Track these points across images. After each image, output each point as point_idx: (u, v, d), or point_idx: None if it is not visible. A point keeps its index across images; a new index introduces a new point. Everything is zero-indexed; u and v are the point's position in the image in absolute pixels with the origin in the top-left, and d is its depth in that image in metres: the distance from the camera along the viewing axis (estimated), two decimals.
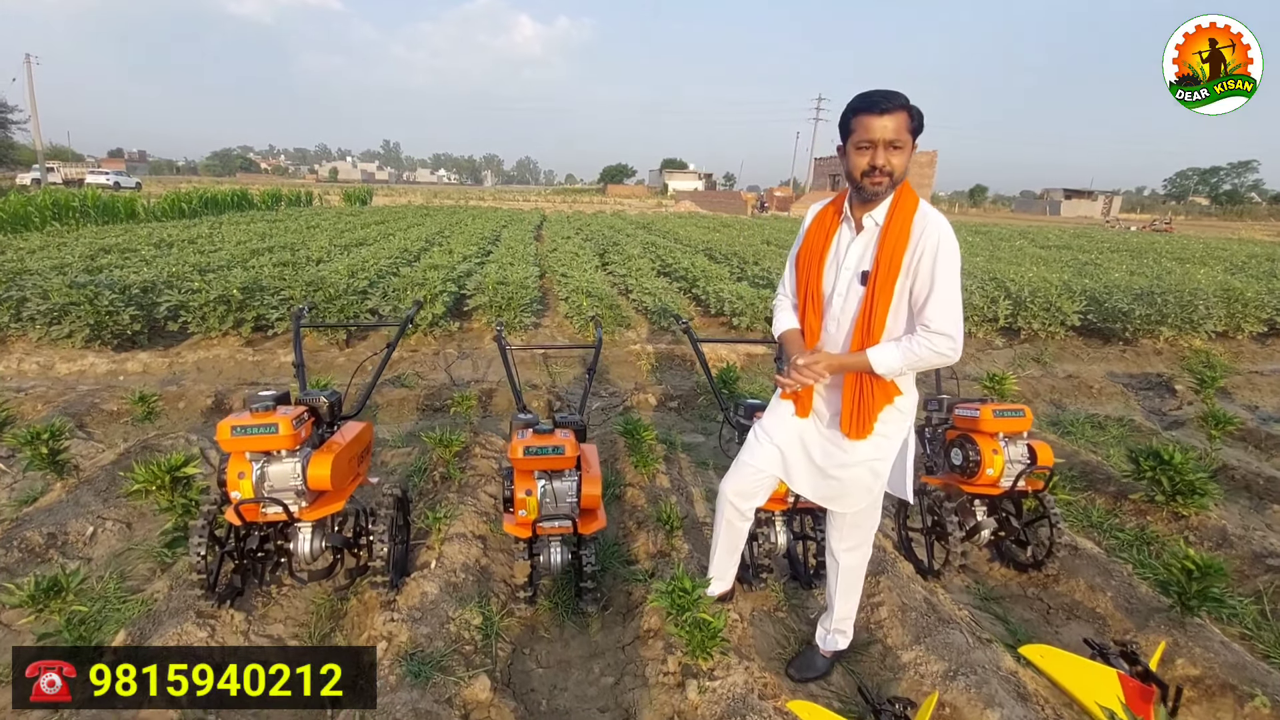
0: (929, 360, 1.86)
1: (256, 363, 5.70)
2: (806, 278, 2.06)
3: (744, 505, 2.27)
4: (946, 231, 1.84)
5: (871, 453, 2.03)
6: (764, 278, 8.73)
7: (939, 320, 1.82)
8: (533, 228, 17.39)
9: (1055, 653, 2.34)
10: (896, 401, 1.99)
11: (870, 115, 1.78)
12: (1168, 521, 3.36)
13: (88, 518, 3.12)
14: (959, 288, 1.85)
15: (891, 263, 1.85)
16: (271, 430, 2.15)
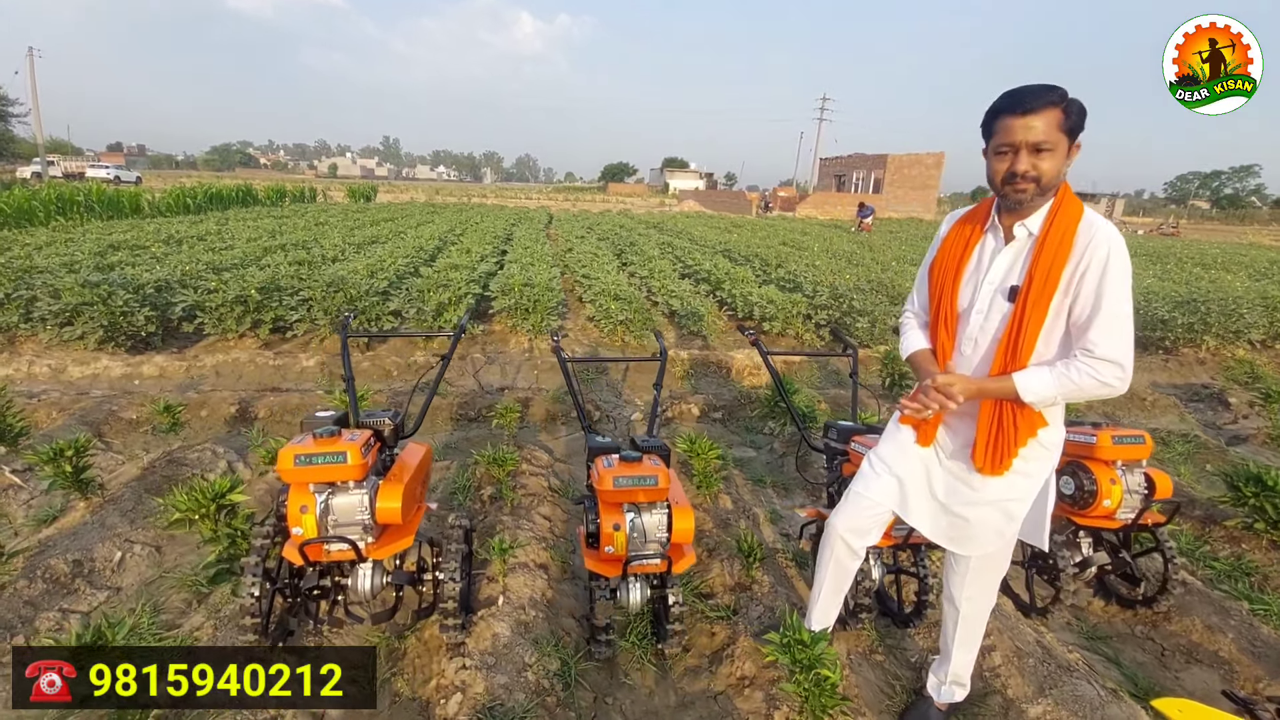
0: (1090, 390, 1.61)
1: (278, 367, 5.46)
2: (940, 292, 1.84)
3: (857, 543, 2.05)
4: (1118, 243, 1.60)
5: (1005, 492, 1.81)
6: (790, 281, 8.51)
7: (1105, 345, 1.58)
8: (542, 226, 17.13)
9: (1196, 707, 2.11)
10: (1040, 435, 1.76)
11: (1012, 116, 1.58)
12: (1266, 550, 3.15)
13: (114, 541, 2.88)
14: (1130, 309, 1.61)
15: (1049, 277, 1.62)
16: (340, 459, 1.92)
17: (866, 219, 22.12)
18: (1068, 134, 1.58)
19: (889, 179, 35.46)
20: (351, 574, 2.18)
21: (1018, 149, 1.59)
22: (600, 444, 2.35)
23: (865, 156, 38.20)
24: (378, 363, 5.69)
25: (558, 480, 3.71)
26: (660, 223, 20.34)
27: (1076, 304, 1.63)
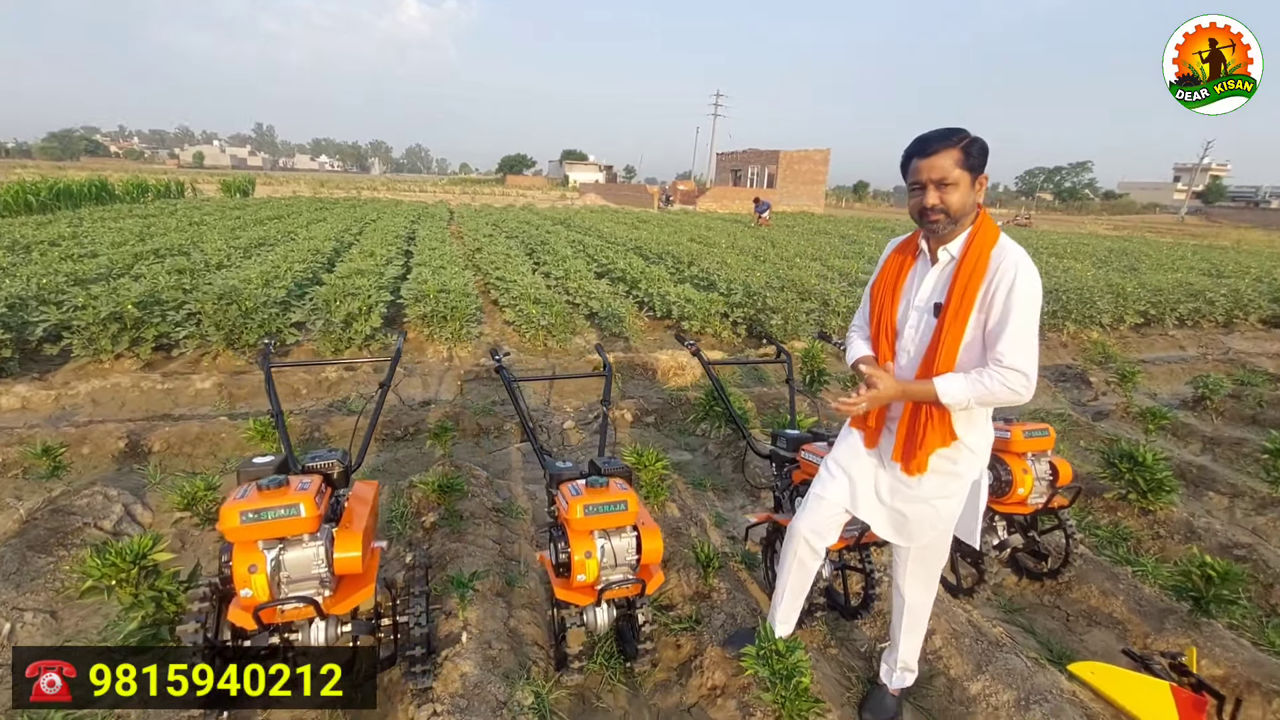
0: (999, 396, 1.79)
1: (167, 391, 4.94)
2: (880, 309, 2.04)
3: (818, 543, 2.17)
4: (1026, 265, 1.79)
5: (939, 490, 1.98)
6: (704, 279, 8.73)
7: (1012, 355, 1.76)
8: (445, 223, 16.49)
9: (1104, 669, 2.42)
10: (966, 439, 1.93)
11: (919, 158, 1.80)
12: (1138, 517, 3.62)
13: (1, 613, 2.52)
14: (1036, 324, 1.80)
15: (965, 294, 1.81)
16: (294, 512, 1.78)
17: (764, 214, 22.98)
18: (969, 170, 1.78)
19: (782, 174, 37.05)
20: (303, 629, 2.03)
21: (925, 186, 1.80)
22: (562, 471, 2.33)
23: (759, 152, 39.66)
24: (283, 379, 5.29)
25: (499, 498, 3.63)
26: (566, 218, 20.13)
27: (990, 319, 1.81)
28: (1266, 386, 6.24)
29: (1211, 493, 4.07)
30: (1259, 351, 8.42)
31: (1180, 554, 3.28)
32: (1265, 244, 25.57)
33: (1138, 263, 14.21)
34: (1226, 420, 5.58)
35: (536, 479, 4.03)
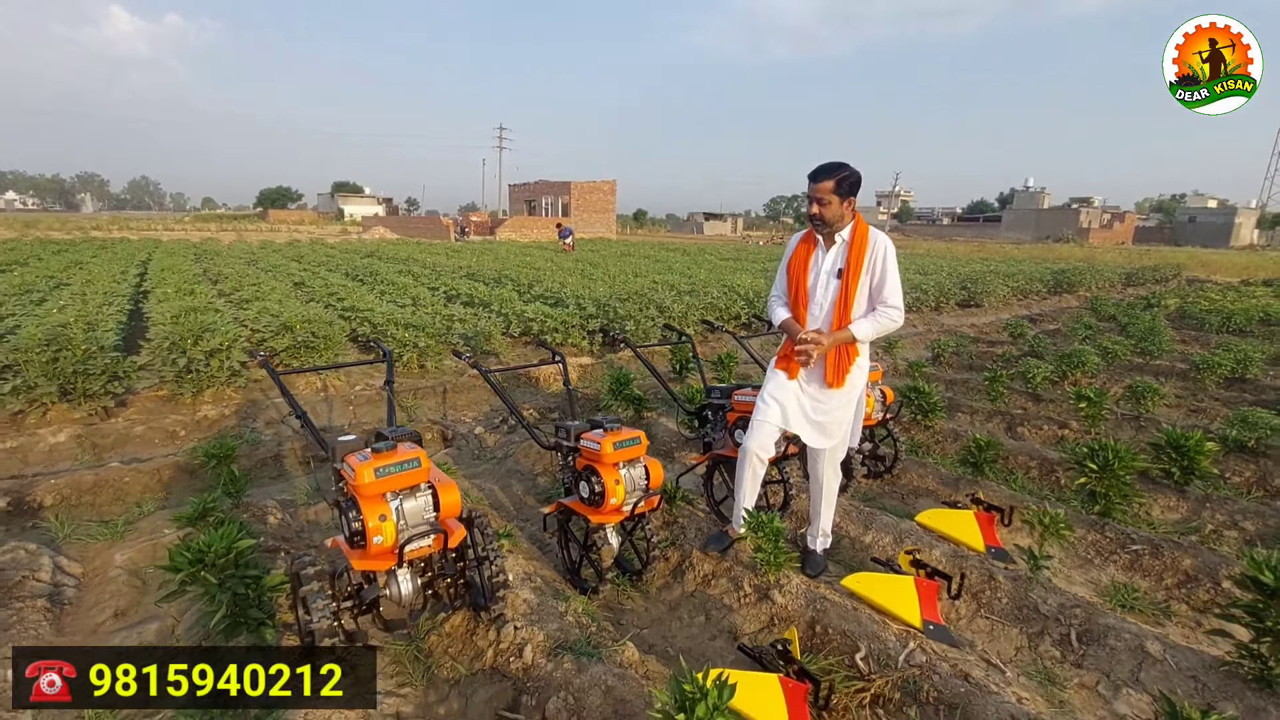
0: (888, 327, 2.80)
1: (11, 450, 4.33)
2: (796, 280, 2.92)
3: (765, 456, 3.03)
4: (888, 241, 2.81)
5: (842, 400, 2.97)
6: (552, 297, 9.41)
7: (892, 298, 2.77)
8: (249, 264, 14.87)
9: (939, 512, 3.63)
10: (858, 362, 2.93)
11: (811, 181, 2.73)
12: (922, 431, 5.14)
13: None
14: (899, 277, 2.82)
15: (858, 263, 2.75)
16: (415, 465, 2.17)
17: (567, 239, 24.19)
18: (839, 195, 2.69)
19: (575, 203, 38.96)
20: (388, 581, 2.36)
21: (811, 200, 2.74)
22: (582, 424, 2.92)
23: (551, 183, 41.23)
24: (151, 425, 4.89)
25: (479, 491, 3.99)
26: (374, 251, 19.29)
27: (874, 278, 2.79)
28: (971, 346, 8.70)
29: (959, 413, 5.82)
30: (960, 324, 11.43)
31: (953, 449, 4.80)
32: (944, 250, 33.28)
33: None
34: (954, 369, 7.73)
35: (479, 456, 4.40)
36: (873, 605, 2.77)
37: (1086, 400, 4.98)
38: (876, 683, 2.35)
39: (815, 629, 2.62)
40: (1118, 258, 27.95)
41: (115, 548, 3.35)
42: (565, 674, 2.27)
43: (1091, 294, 15.32)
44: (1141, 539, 3.35)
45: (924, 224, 75.87)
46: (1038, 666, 2.60)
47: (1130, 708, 2.36)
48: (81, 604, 2.94)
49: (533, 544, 3.42)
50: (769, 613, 2.77)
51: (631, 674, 2.30)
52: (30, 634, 2.59)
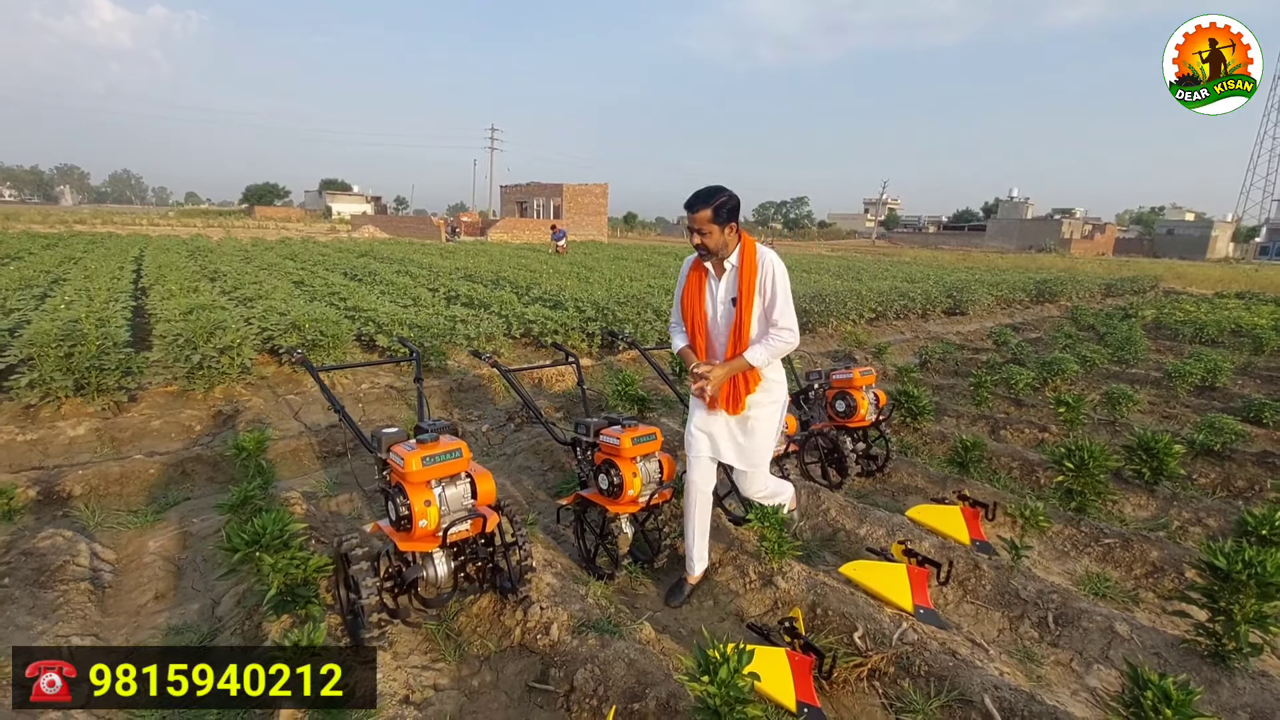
0: (781, 349, 2.72)
1: (33, 442, 4.45)
2: (692, 309, 2.84)
3: (708, 489, 2.96)
4: (778, 262, 2.72)
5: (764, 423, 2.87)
6: (551, 299, 9.60)
7: (782, 320, 2.68)
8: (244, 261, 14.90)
9: (928, 508, 3.87)
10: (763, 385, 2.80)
11: (687, 212, 2.64)
12: (911, 433, 5.40)
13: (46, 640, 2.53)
14: (791, 298, 2.72)
15: (750, 288, 2.67)
16: (457, 455, 2.36)
17: (560, 241, 24.36)
18: (718, 223, 2.60)
19: (567, 206, 39.17)
20: (425, 563, 2.55)
21: (692, 230, 2.66)
22: (601, 420, 3.12)
23: (543, 185, 41.42)
24: (166, 419, 5.02)
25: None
26: (368, 250, 19.35)
27: (766, 300, 2.69)
28: (957, 352, 9.00)
29: (946, 416, 6.09)
30: (946, 332, 11.76)
31: (941, 450, 5.06)
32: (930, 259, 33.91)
33: (860, 275, 18.25)
34: (941, 374, 8.02)
35: None
36: (868, 591, 2.99)
37: (1065, 405, 5.26)
38: (873, 658, 2.57)
39: (816, 611, 2.84)
40: (1098, 268, 28.64)
41: (147, 535, 3.51)
42: (590, 649, 2.47)
43: (1072, 303, 15.79)
44: (1114, 533, 3.61)
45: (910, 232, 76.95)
46: (1018, 646, 2.84)
47: (1100, 681, 2.61)
48: (121, 588, 3.09)
49: (548, 534, 3.61)
50: (773, 597, 2.99)
51: (650, 649, 2.51)
52: (78, 615, 2.75)
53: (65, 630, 2.61)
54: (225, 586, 2.98)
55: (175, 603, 2.96)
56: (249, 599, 2.71)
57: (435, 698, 2.36)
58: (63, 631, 2.60)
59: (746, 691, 1.92)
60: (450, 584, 2.56)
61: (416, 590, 2.57)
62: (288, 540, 2.42)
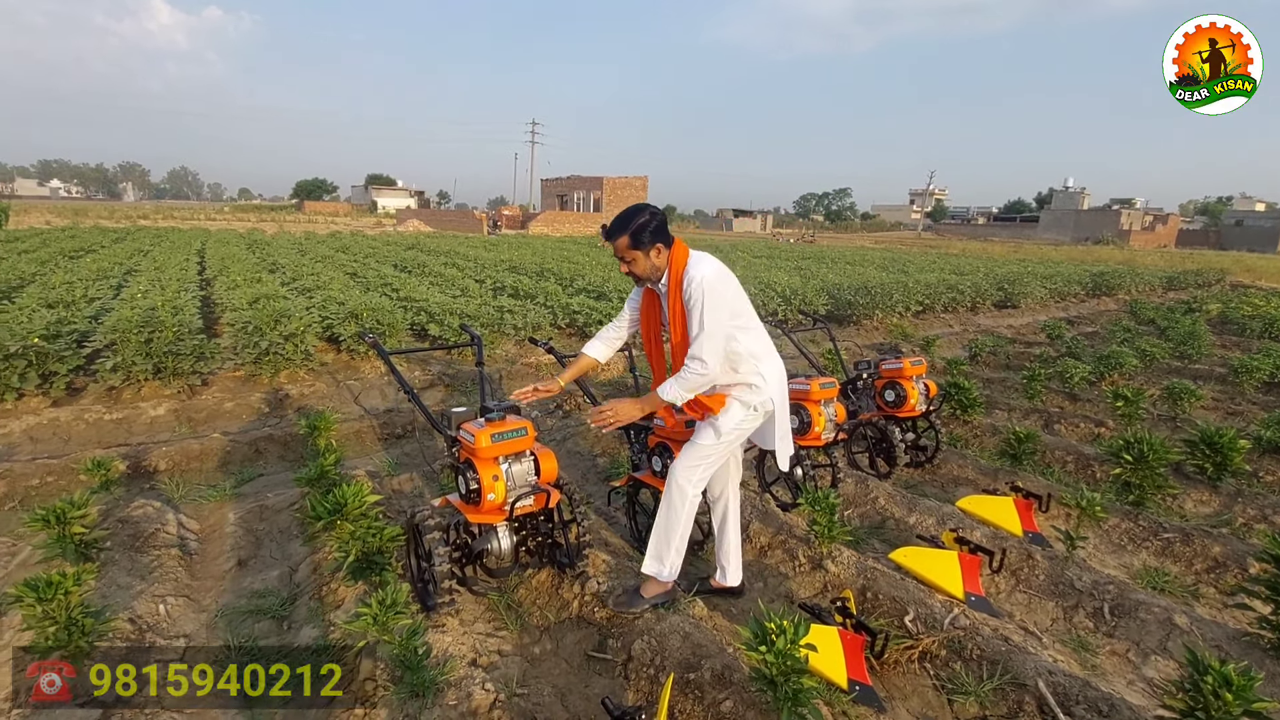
0: (692, 382, 2.38)
1: (118, 421, 4.78)
2: (646, 329, 2.70)
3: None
4: (707, 274, 2.36)
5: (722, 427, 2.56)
6: (595, 290, 9.73)
7: (696, 347, 2.36)
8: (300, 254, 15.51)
9: (980, 499, 3.85)
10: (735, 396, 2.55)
11: (607, 240, 2.49)
12: (961, 426, 5.33)
13: (147, 597, 2.76)
14: (717, 321, 2.34)
15: (676, 313, 2.47)
16: (523, 434, 2.49)
17: None
18: (639, 247, 2.38)
19: (606, 199, 39.38)
20: (490, 536, 2.68)
21: (618, 259, 2.49)
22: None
23: (583, 178, 41.71)
24: (238, 401, 5.32)
25: None
26: (415, 243, 19.88)
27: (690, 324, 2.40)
28: (1008, 346, 8.80)
29: (996, 410, 5.99)
30: (997, 325, 11.48)
31: (990, 443, 5.00)
32: (980, 250, 32.97)
33: (905, 267, 17.90)
34: (991, 368, 7.87)
35: None
36: (918, 577, 3.02)
37: (1124, 399, 5.13)
38: (924, 641, 2.60)
39: (866, 595, 2.88)
40: (1159, 261, 27.40)
41: (226, 507, 3.75)
42: (646, 622, 2.57)
43: (1131, 297, 15.19)
44: (1173, 528, 3.53)
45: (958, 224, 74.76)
46: (1072, 635, 2.82)
47: (1158, 672, 2.58)
48: (206, 554, 3.33)
49: (599, 515, 3.73)
50: (822, 580, 3.04)
51: (704, 625, 2.59)
52: (170, 577, 2.97)
53: (161, 590, 2.84)
54: (302, 554, 3.19)
55: (256, 569, 3.17)
56: (326, 567, 2.90)
57: (500, 662, 2.49)
58: (159, 591, 2.82)
59: (802, 662, 1.99)
60: (513, 557, 2.69)
61: (482, 561, 2.71)
62: (366, 510, 2.58)
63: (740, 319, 2.52)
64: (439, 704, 2.12)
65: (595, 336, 2.81)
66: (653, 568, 2.67)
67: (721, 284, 2.41)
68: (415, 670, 2.06)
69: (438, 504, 2.71)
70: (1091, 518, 3.17)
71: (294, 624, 2.72)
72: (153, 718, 2.13)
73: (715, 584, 2.96)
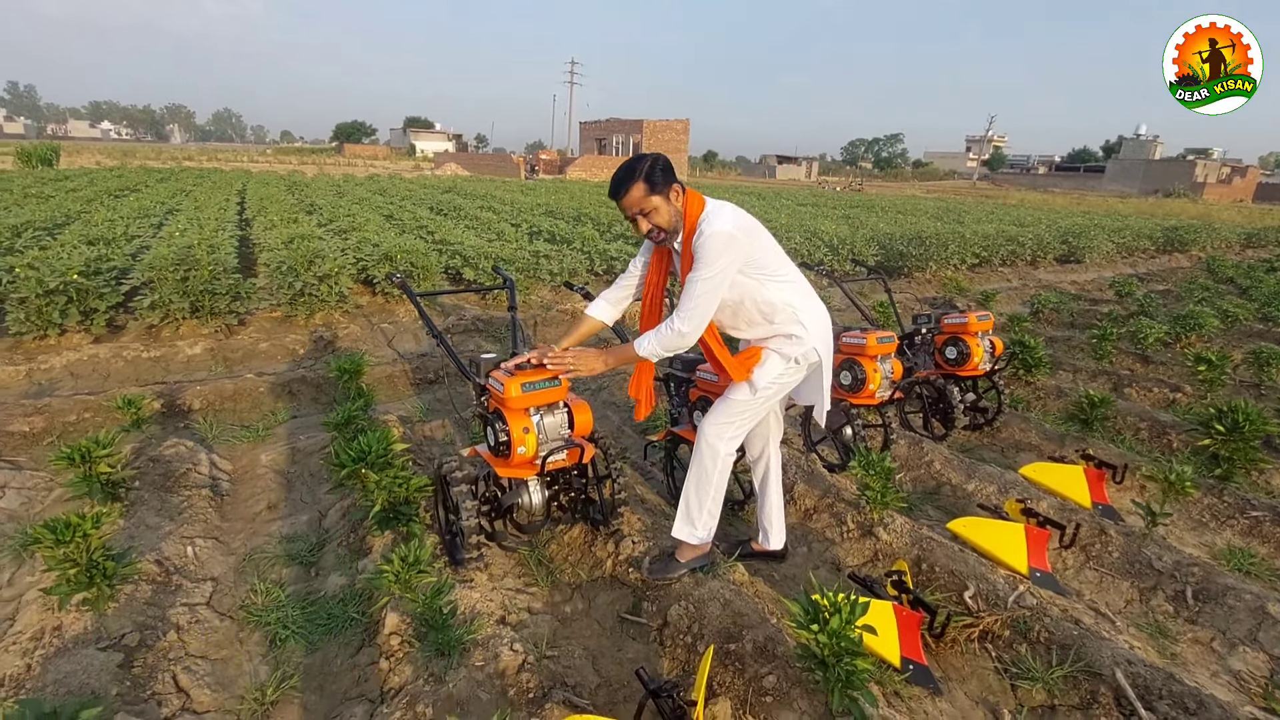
0: (670, 343, 2.16)
1: (155, 359, 4.79)
2: (650, 288, 2.43)
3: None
4: (713, 235, 2.06)
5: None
6: (633, 236, 9.41)
7: (682, 310, 2.13)
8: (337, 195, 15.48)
9: (1047, 466, 3.55)
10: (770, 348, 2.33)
11: (617, 199, 2.14)
12: (1024, 387, 4.98)
13: (175, 539, 2.72)
14: (711, 281, 2.08)
15: (689, 269, 2.17)
16: (556, 384, 2.30)
17: None
18: (657, 192, 2.08)
19: (646, 143, 38.24)
20: (520, 490, 2.53)
21: (634, 218, 2.14)
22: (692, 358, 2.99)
23: (622, 121, 40.50)
24: (273, 342, 5.28)
25: None
26: (451, 187, 19.67)
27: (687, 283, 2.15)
28: (1072, 303, 8.24)
29: (1061, 370, 5.59)
30: (1059, 281, 10.80)
31: (1055, 406, 4.66)
32: (1041, 202, 31.15)
33: (961, 218, 16.96)
34: (1054, 326, 7.37)
35: None
36: (978, 549, 2.78)
37: (1206, 363, 4.69)
38: (986, 619, 2.39)
39: (921, 566, 2.67)
40: (1236, 216, 25.49)
41: (259, 449, 3.71)
42: (684, 586, 2.41)
43: (1206, 254, 14.14)
44: (1262, 505, 3.21)
45: (1017, 173, 70.80)
46: (1149, 619, 2.58)
47: (1245, 665, 2.33)
48: (237, 496, 3.29)
49: (635, 470, 3.57)
50: (872, 548, 2.84)
51: (744, 591, 2.42)
52: (200, 519, 2.93)
53: (190, 531, 2.80)
54: (331, 500, 3.12)
55: (286, 512, 3.12)
56: (354, 514, 2.81)
57: (529, 620, 2.38)
58: (187, 533, 2.78)
59: (857, 643, 1.81)
60: (544, 512, 2.55)
61: (512, 515, 2.58)
62: (391, 459, 2.45)
63: (766, 269, 2.26)
64: (465, 664, 2.02)
65: (599, 296, 2.53)
66: (684, 531, 2.48)
67: (735, 243, 2.11)
68: (440, 630, 1.94)
69: (466, 454, 2.57)
70: (1180, 493, 2.87)
71: (322, 570, 2.66)
72: (176, 662, 2.09)
73: (756, 547, 2.79)
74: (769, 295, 2.29)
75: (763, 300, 2.29)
